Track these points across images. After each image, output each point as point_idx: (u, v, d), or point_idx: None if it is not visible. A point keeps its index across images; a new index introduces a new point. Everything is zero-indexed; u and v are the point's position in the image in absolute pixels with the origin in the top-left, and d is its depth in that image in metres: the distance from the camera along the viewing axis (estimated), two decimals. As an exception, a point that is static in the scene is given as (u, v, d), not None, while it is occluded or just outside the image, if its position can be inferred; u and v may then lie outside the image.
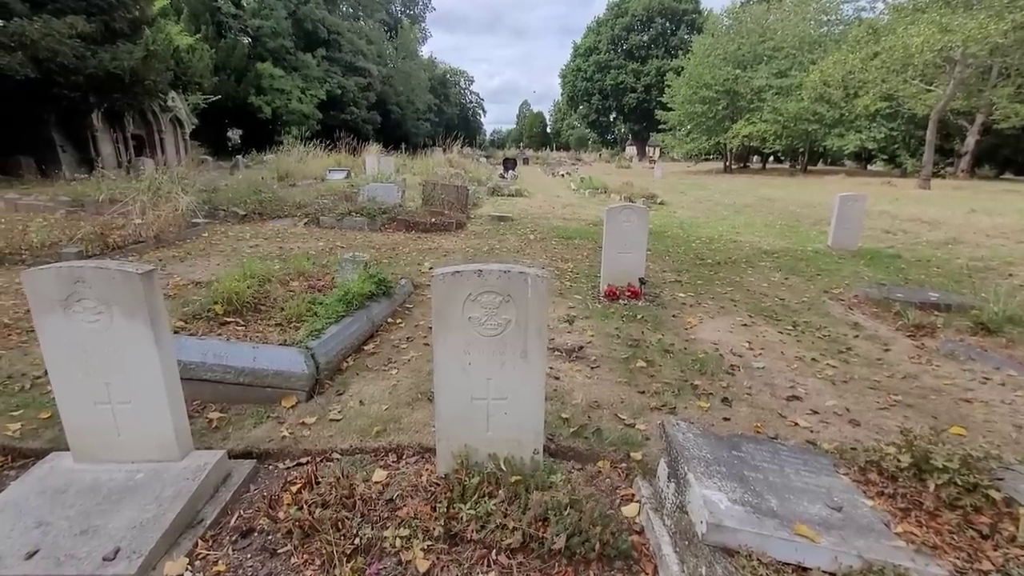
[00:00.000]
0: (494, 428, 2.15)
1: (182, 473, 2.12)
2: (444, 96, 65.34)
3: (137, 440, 2.15)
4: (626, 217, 5.30)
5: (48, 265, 1.97)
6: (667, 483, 2.09)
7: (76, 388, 2.07)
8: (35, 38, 11.29)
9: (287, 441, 2.58)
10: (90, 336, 2.00)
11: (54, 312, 1.97)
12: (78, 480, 2.08)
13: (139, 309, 1.97)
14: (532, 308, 1.98)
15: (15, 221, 8.40)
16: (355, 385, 3.19)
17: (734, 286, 5.91)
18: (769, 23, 32.91)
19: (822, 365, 3.67)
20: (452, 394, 2.10)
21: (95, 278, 1.94)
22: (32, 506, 1.95)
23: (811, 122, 28.61)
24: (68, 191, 9.84)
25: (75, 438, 2.14)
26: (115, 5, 13.66)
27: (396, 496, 2.13)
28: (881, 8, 23.49)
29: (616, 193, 16.98)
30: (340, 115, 36.37)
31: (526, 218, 11.38)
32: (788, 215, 12.50)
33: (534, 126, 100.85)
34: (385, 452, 2.53)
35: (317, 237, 8.48)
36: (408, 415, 2.83)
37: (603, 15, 57.71)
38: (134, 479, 2.09)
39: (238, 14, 30.34)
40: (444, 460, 2.19)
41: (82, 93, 13.26)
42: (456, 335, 2.02)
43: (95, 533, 1.84)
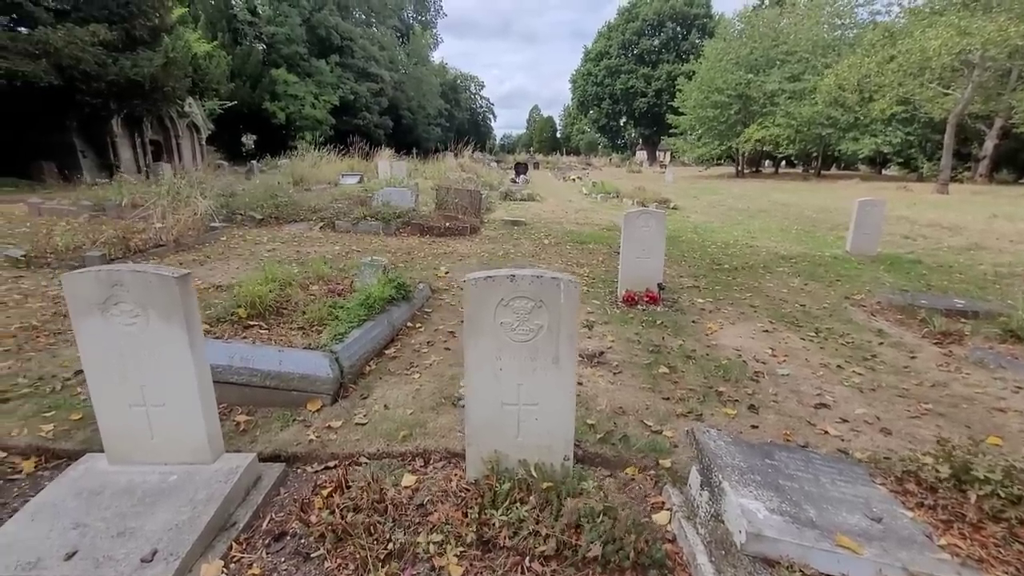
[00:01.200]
0: (524, 434, 2.14)
1: (214, 476, 2.13)
2: (455, 101, 65.75)
3: (170, 442, 2.17)
4: (644, 222, 5.28)
5: (87, 268, 1.99)
6: (700, 491, 2.07)
7: (112, 390, 2.09)
8: (59, 46, 11.54)
9: (314, 445, 2.59)
10: (126, 339, 2.03)
11: (92, 315, 2.00)
12: (113, 482, 2.10)
13: (175, 312, 1.99)
14: (564, 314, 1.98)
15: (39, 225, 8.57)
16: (379, 389, 3.20)
17: (753, 292, 5.85)
18: (782, 27, 32.74)
19: (848, 372, 3.62)
20: (483, 399, 2.09)
21: (133, 281, 1.96)
22: (68, 507, 1.97)
23: (825, 126, 28.36)
24: (90, 195, 10.01)
25: (109, 440, 2.17)
26: (136, 13, 13.94)
27: (426, 501, 2.13)
28: (897, 12, 23.28)
29: (628, 198, 16.94)
30: (352, 120, 36.72)
31: (539, 223, 11.37)
32: (804, 220, 12.38)
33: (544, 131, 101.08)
34: (412, 456, 2.52)
35: (333, 241, 8.55)
36: (433, 420, 2.83)
37: (614, 20, 57.73)
38: (167, 481, 2.11)
39: (254, 21, 30.79)
40: (474, 466, 2.19)
41: (103, 99, 13.53)
42: (488, 340, 2.02)
43: (132, 535, 1.86)
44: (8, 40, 11.13)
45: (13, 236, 7.55)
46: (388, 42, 43.49)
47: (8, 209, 9.96)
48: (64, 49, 11.56)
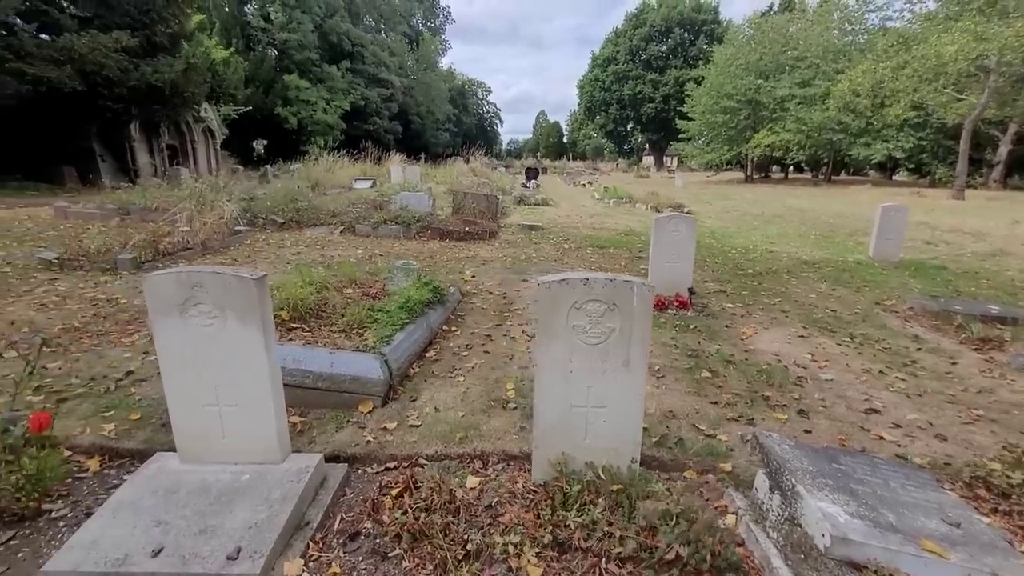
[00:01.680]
0: (592, 436, 2.15)
1: (285, 475, 2.16)
2: (463, 106, 66.06)
3: (241, 442, 2.20)
4: (674, 227, 5.30)
5: (167, 270, 2.03)
6: (769, 495, 2.07)
7: (187, 390, 2.13)
8: (83, 52, 11.73)
9: (372, 446, 2.62)
10: (204, 339, 2.06)
11: (171, 315, 2.03)
12: (187, 481, 2.13)
13: (252, 314, 2.03)
14: (637, 317, 1.99)
15: (67, 228, 8.69)
16: (426, 392, 3.22)
17: (781, 296, 5.84)
18: (791, 33, 32.76)
19: (891, 378, 3.61)
20: (552, 401, 2.11)
21: (212, 283, 2.00)
22: (147, 505, 2.00)
23: (836, 131, 28.28)
24: (114, 199, 10.13)
25: (182, 439, 2.20)
26: (156, 20, 14.15)
27: (495, 502, 2.14)
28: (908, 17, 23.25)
29: (641, 203, 16.96)
30: (363, 125, 36.97)
31: (556, 227, 11.40)
32: (821, 225, 12.34)
33: (551, 136, 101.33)
34: (470, 459, 2.54)
35: (355, 245, 8.61)
36: (486, 422, 2.84)
37: (621, 26, 57.91)
38: (240, 480, 2.13)
39: (267, 28, 31.12)
40: (540, 467, 2.20)
41: (125, 105, 13.72)
42: (559, 343, 2.04)
43: (213, 533, 1.88)
44: (34, 47, 11.34)
45: (44, 239, 7.66)
46: (398, 48, 43.82)
47: (35, 213, 10.10)
48: (88, 55, 11.75)
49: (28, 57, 11.22)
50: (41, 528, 2.07)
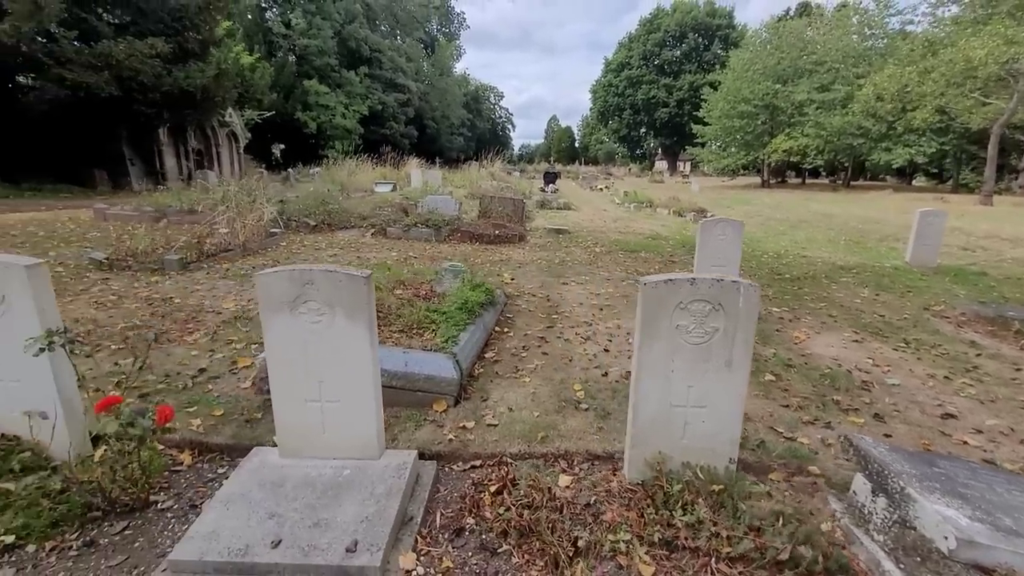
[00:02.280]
0: (690, 436, 2.16)
1: (385, 471, 2.19)
2: (477, 111, 66.46)
3: (340, 438, 2.24)
4: (721, 231, 5.29)
5: (279, 268, 2.09)
6: (871, 498, 2.06)
7: (292, 386, 2.17)
8: (120, 58, 12.01)
9: (455, 444, 2.64)
10: (311, 336, 2.11)
11: (281, 312, 2.08)
12: (290, 475, 2.17)
13: (360, 311, 2.07)
14: (742, 318, 2.01)
15: (108, 229, 8.87)
16: (495, 392, 3.25)
17: (825, 301, 5.80)
18: (809, 37, 32.56)
19: (958, 384, 3.57)
20: (651, 400, 2.13)
21: (323, 280, 2.05)
22: (257, 498, 2.04)
23: (856, 136, 28.02)
24: (150, 201, 10.34)
25: (284, 433, 2.25)
26: (188, 27, 14.45)
27: (593, 500, 2.16)
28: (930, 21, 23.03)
29: (663, 207, 16.90)
30: (380, 130, 37.34)
31: (582, 231, 11.41)
32: (851, 231, 12.22)
33: (562, 141, 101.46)
34: (554, 457, 2.56)
35: (388, 248, 8.69)
36: (562, 422, 2.86)
37: (635, 31, 57.96)
38: (342, 475, 2.17)
39: (288, 34, 31.60)
40: (635, 466, 2.21)
41: (157, 109, 14.02)
42: (662, 343, 2.06)
43: (327, 526, 1.92)
44: (74, 53, 11.65)
45: (89, 240, 7.83)
46: (414, 53, 44.27)
47: (74, 214, 10.33)
48: (125, 61, 12.04)
49: (68, 63, 11.53)
50: (151, 519, 2.13)
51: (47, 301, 2.17)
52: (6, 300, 2.11)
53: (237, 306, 5.05)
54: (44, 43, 11.25)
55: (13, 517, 1.99)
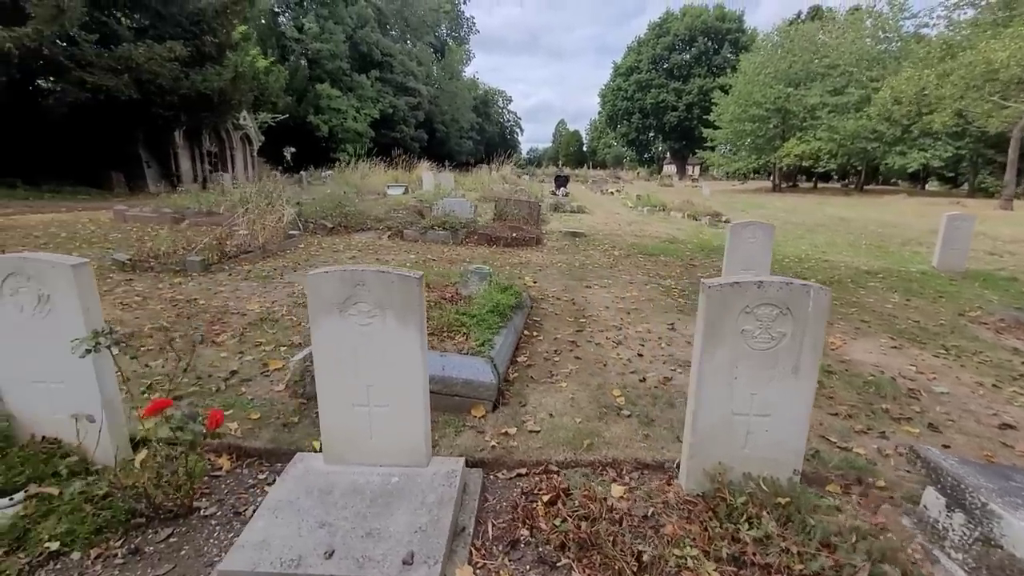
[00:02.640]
0: (751, 446, 2.08)
1: (434, 479, 2.13)
2: (486, 115, 66.63)
3: (387, 444, 2.17)
4: (751, 234, 5.21)
5: (331, 268, 2.03)
6: (946, 513, 1.97)
7: (339, 390, 2.11)
8: (140, 62, 12.12)
9: (499, 451, 2.57)
10: (361, 338, 2.05)
11: (331, 314, 2.03)
12: (338, 482, 2.11)
13: (411, 313, 2.01)
14: (811, 322, 1.92)
15: (129, 230, 8.92)
16: (532, 396, 3.18)
17: (856, 306, 5.68)
18: (821, 41, 32.35)
19: (1008, 392, 3.45)
20: (712, 408, 2.05)
21: (375, 281, 1.99)
22: (306, 506, 1.98)
23: (870, 140, 27.75)
24: (169, 203, 10.39)
25: (329, 439, 2.19)
26: (205, 31, 14.57)
27: (650, 512, 2.08)
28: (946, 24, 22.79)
29: (676, 211, 16.78)
30: (391, 133, 37.50)
31: (598, 235, 11.33)
32: (869, 235, 12.05)
33: (570, 144, 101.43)
34: (602, 466, 2.48)
35: (406, 250, 8.65)
36: (606, 429, 2.78)
37: (644, 35, 57.91)
38: (390, 483, 2.11)
39: (300, 38, 31.85)
40: (693, 477, 2.13)
41: (175, 112, 14.12)
42: (725, 348, 1.98)
43: (379, 536, 1.85)
44: (94, 57, 11.77)
45: (111, 241, 7.86)
46: (424, 57, 44.47)
47: (94, 216, 10.40)
48: (144, 64, 12.15)
49: (89, 67, 11.64)
50: (195, 526, 2.07)
51: (92, 301, 2.13)
52: (51, 300, 2.07)
53: (262, 308, 5.02)
54: (65, 46, 11.37)
55: (57, 523, 1.94)
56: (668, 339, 4.37)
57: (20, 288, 2.06)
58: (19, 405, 2.22)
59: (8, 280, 2.06)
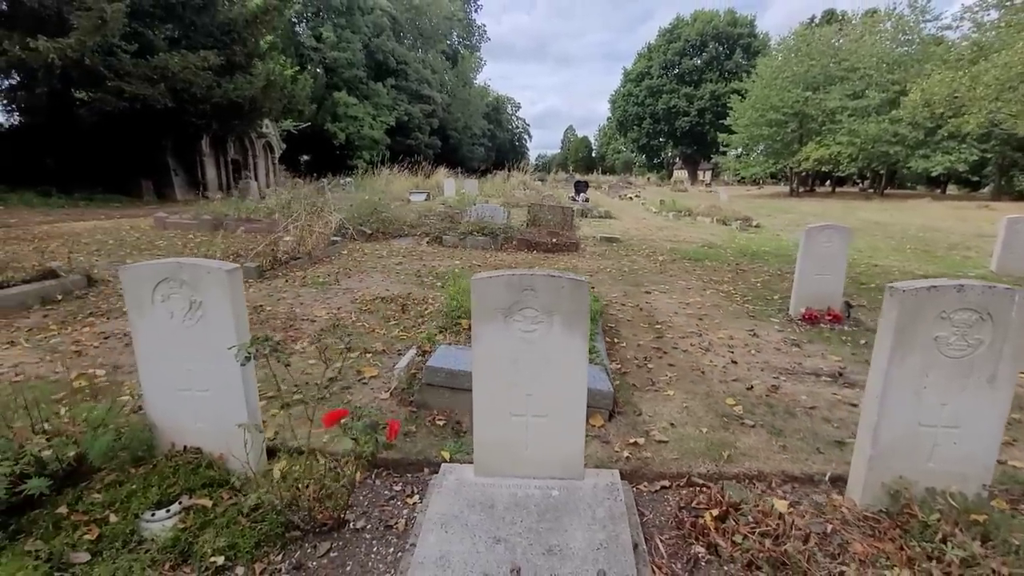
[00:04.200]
0: (937, 460, 1.96)
1: (595, 492, 2.03)
2: (497, 122, 66.91)
3: (543, 456, 2.09)
4: (827, 238, 5.09)
5: (497, 273, 1.96)
6: None
7: (498, 399, 2.03)
8: (175, 71, 12.25)
9: (634, 462, 2.47)
10: (523, 346, 1.97)
11: (495, 321, 1.95)
12: (497, 496, 2.02)
13: (579, 319, 1.93)
14: (1012, 329, 1.81)
15: (171, 237, 8.95)
16: (644, 405, 3.08)
17: (931, 312, 5.52)
18: (840, 44, 32.17)
19: None
20: (897, 419, 1.94)
21: (544, 286, 1.91)
22: (474, 521, 1.90)
23: (892, 144, 27.46)
24: (208, 210, 10.44)
25: (483, 450, 2.10)
26: (236, 40, 14.72)
27: (830, 530, 1.96)
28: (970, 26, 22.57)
29: (704, 216, 16.63)
30: (406, 140, 37.70)
31: (633, 240, 11.24)
32: (912, 239, 11.86)
33: (579, 150, 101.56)
34: (747, 479, 2.37)
35: (448, 256, 8.60)
36: (735, 440, 2.68)
37: (655, 41, 57.95)
38: (552, 496, 2.02)
39: (318, 47, 32.17)
40: (870, 492, 2.02)
41: (207, 120, 14.24)
42: (916, 355, 1.87)
43: (562, 554, 1.76)
44: (132, 66, 11.91)
45: (158, 248, 7.88)
46: (438, 65, 44.77)
47: (135, 223, 10.46)
48: (180, 74, 12.28)
49: (127, 76, 11.78)
50: (350, 540, 1.99)
51: (241, 308, 2.07)
52: (202, 306, 2.01)
53: (328, 314, 4.97)
54: (105, 57, 11.51)
55: (216, 536, 1.87)
56: (755, 346, 4.25)
57: (172, 294, 2.01)
58: (161, 414, 2.16)
59: (160, 286, 2.00)
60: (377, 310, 5.08)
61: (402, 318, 4.84)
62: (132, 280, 2.01)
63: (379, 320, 4.77)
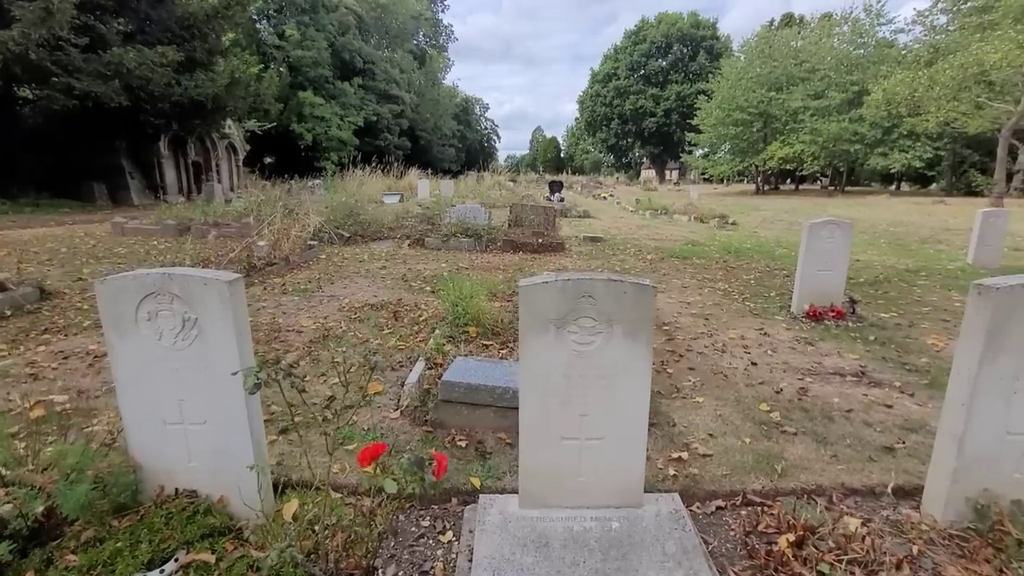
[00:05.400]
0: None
1: (659, 522, 1.81)
2: (466, 122, 66.46)
3: (598, 483, 1.85)
4: (829, 233, 5.04)
5: (547, 278, 1.71)
6: None
7: (548, 421, 1.78)
8: (131, 67, 11.46)
9: (683, 480, 2.27)
10: (577, 360, 1.73)
11: (546, 332, 1.70)
12: (550, 531, 1.77)
13: (643, 328, 1.70)
14: (1107, 325, 1.68)
15: (131, 244, 8.32)
16: (675, 415, 2.89)
17: (928, 305, 5.57)
18: (800, 46, 33.25)
19: None
20: (985, 427, 1.79)
21: (605, 292, 1.67)
22: (528, 563, 1.64)
23: (852, 142, 28.49)
24: (172, 214, 9.78)
25: (529, 479, 1.85)
26: (196, 36, 13.94)
27: (916, 551, 1.80)
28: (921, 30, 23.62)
29: (680, 214, 16.76)
30: (375, 141, 36.91)
31: (616, 239, 11.14)
32: (886, 235, 12.17)
33: (548, 151, 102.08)
34: (807, 494, 2.20)
35: (433, 259, 8.29)
36: (782, 449, 2.51)
37: (621, 42, 58.66)
38: (611, 529, 1.78)
39: (281, 45, 31.13)
40: (953, 507, 1.86)
41: (165, 120, 13.41)
42: (1008, 356, 1.72)
43: (639, 599, 1.53)
44: (82, 62, 11.05)
45: (118, 256, 7.28)
46: (406, 65, 44.05)
47: (89, 230, 9.71)
48: (135, 70, 11.48)
49: (77, 72, 10.92)
50: (382, 593, 1.71)
51: (244, 325, 1.76)
52: (197, 324, 1.69)
53: (316, 324, 4.61)
54: (50, 52, 10.65)
55: (222, 601, 1.56)
56: (770, 345, 4.14)
57: (160, 311, 1.68)
58: (147, 452, 1.82)
59: (146, 302, 1.68)
60: (368, 318, 4.75)
61: (396, 326, 4.53)
62: (111, 295, 1.68)
63: (372, 329, 4.44)
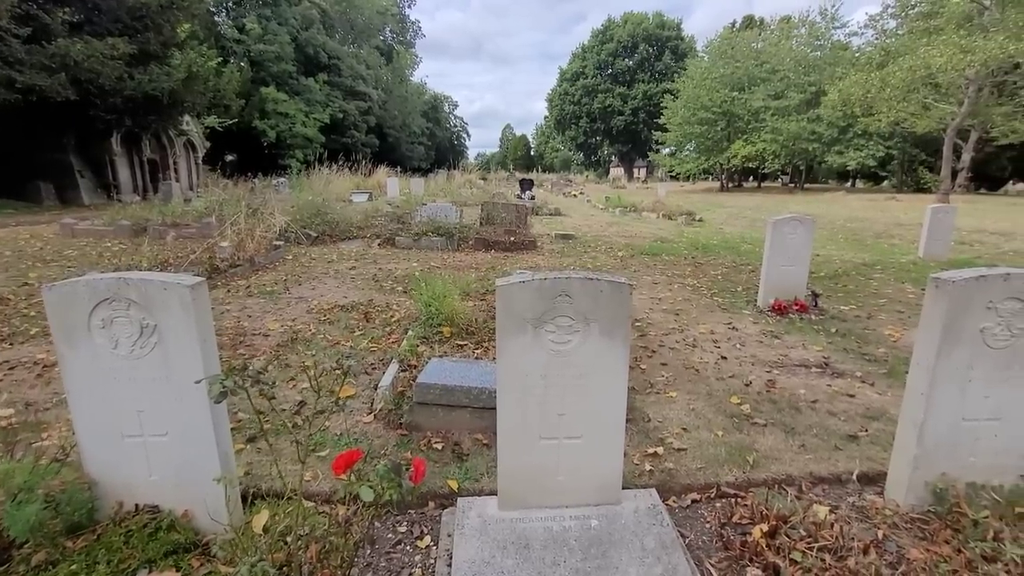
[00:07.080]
0: (978, 453, 1.92)
1: (637, 518, 1.82)
2: (436, 120, 65.82)
3: (577, 482, 1.85)
4: (792, 229, 5.19)
5: (524, 277, 1.69)
6: None
7: (527, 421, 1.77)
8: (78, 59, 10.84)
9: (658, 475, 2.29)
10: (555, 359, 1.72)
11: (523, 333, 1.69)
12: (530, 532, 1.76)
13: (620, 326, 1.71)
14: (1052, 315, 1.78)
15: (82, 246, 7.90)
16: (649, 410, 2.92)
17: (884, 297, 5.82)
18: (761, 48, 34.27)
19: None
20: (943, 415, 1.87)
21: (581, 290, 1.67)
22: (509, 566, 1.63)
23: (811, 141, 29.55)
24: (126, 214, 9.33)
25: (507, 481, 1.83)
26: (149, 27, 13.30)
27: (881, 536, 1.86)
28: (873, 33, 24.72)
29: (649, 211, 17.04)
30: (341, 139, 36.13)
31: (587, 237, 11.24)
32: (843, 230, 12.67)
33: (518, 149, 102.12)
34: (776, 484, 2.26)
35: (404, 258, 8.17)
36: (753, 441, 2.57)
37: (588, 42, 59.15)
38: (591, 527, 1.78)
39: (241, 39, 30.11)
40: (914, 492, 1.94)
41: (117, 115, 12.77)
42: (963, 348, 1.80)
43: (620, 597, 1.53)
44: (25, 54, 10.36)
45: (67, 259, 6.90)
46: (372, 61, 43.27)
47: (35, 231, 9.17)
48: (83, 63, 10.86)
49: (18, 64, 10.24)
50: (360, 603, 1.67)
51: (209, 331, 1.68)
52: (157, 331, 1.61)
53: (283, 327, 4.48)
54: (-12, 41, 9.97)
55: (189, 622, 1.49)
56: (738, 339, 4.24)
57: (116, 318, 1.59)
58: (104, 467, 1.72)
59: (98, 309, 1.58)
60: (338, 320, 4.65)
61: (367, 327, 4.45)
62: (60, 302, 1.58)
63: (342, 331, 4.34)
